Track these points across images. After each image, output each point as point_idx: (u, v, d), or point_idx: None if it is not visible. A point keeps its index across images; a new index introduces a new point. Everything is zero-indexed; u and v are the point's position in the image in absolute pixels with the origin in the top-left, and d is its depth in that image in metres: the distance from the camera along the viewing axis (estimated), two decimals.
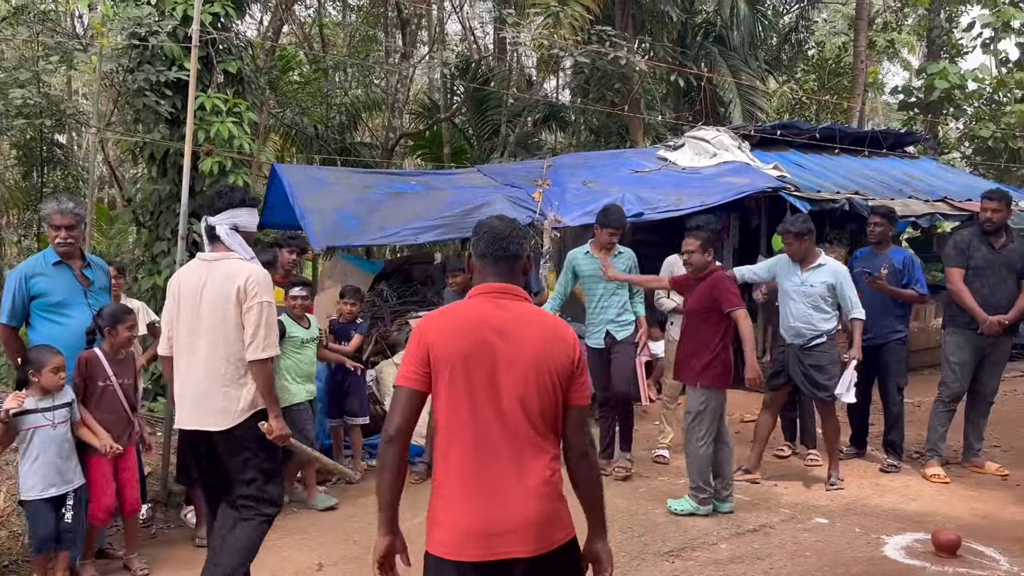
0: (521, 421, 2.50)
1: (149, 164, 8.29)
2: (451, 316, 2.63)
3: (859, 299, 5.96)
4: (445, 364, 2.52)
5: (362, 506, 5.89)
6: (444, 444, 2.55)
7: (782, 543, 5.01)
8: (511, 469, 2.49)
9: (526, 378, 2.51)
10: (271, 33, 15.53)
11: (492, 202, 7.81)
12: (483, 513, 2.47)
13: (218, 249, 3.95)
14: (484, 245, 2.69)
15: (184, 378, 3.92)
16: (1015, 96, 15.87)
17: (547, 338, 2.57)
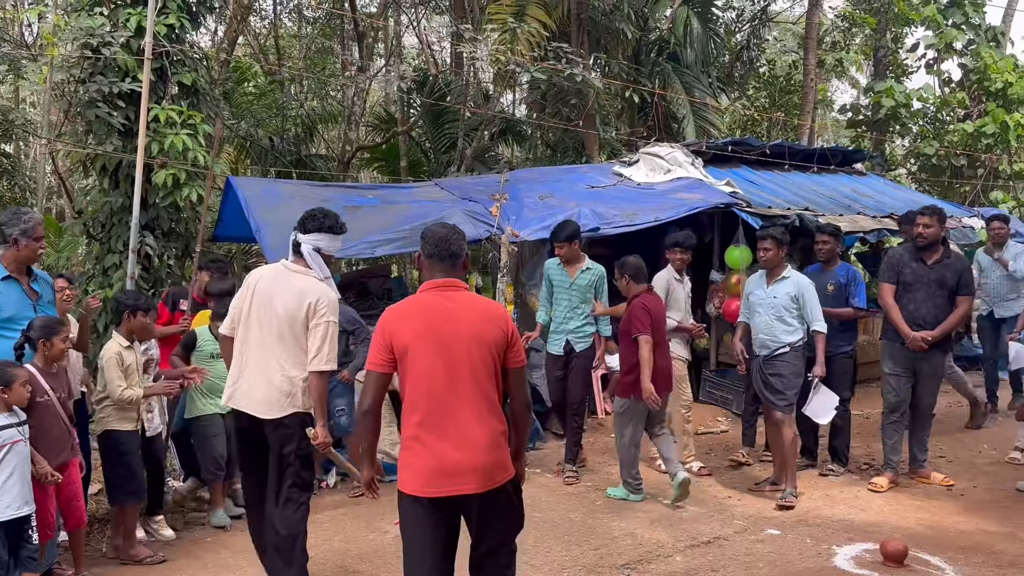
0: (468, 387, 3.19)
1: (101, 176, 8.15)
2: (406, 309, 3.32)
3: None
4: (404, 349, 3.19)
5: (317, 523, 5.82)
6: (409, 408, 3.23)
7: (736, 555, 5.10)
8: (461, 426, 3.17)
9: (470, 352, 3.20)
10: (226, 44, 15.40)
11: (450, 216, 7.81)
12: (439, 460, 3.15)
13: (299, 262, 4.38)
14: (430, 247, 3.35)
15: (242, 364, 4.33)
16: (957, 115, 16.33)
17: (484, 319, 3.26)
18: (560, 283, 6.74)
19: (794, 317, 6.02)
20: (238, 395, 4.34)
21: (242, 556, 5.22)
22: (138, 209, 6.61)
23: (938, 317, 6.18)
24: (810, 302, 6.01)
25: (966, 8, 16.14)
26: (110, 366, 5.01)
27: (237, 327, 4.38)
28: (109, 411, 5.07)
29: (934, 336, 6.15)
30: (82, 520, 4.81)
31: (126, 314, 5.14)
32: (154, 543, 5.41)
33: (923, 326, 6.16)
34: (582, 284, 6.66)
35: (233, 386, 4.36)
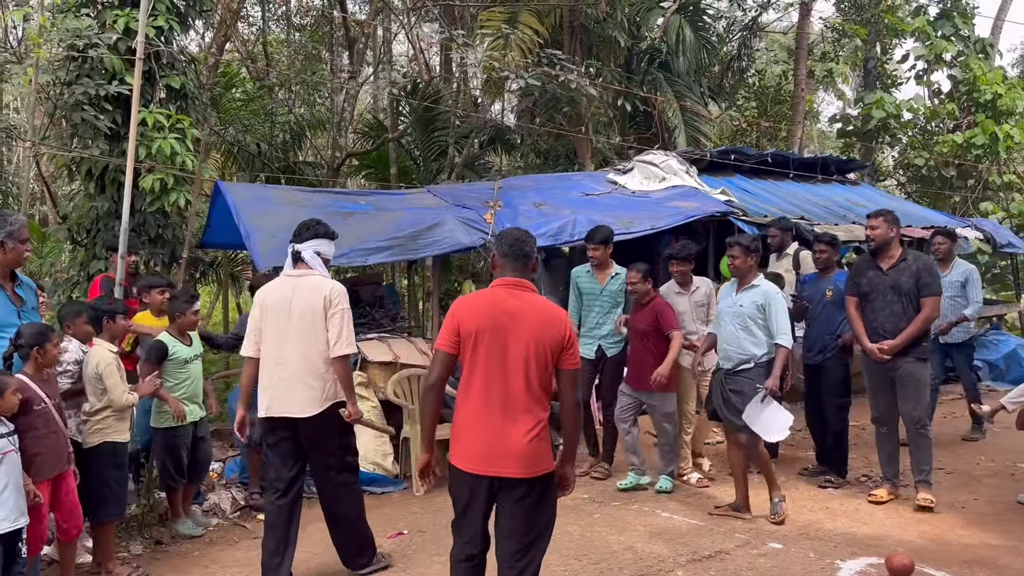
0: (520, 380, 3.49)
1: (86, 180, 8.00)
2: (477, 300, 3.65)
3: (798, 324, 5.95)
4: (469, 335, 3.52)
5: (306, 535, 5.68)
6: (465, 390, 3.57)
7: (738, 569, 4.98)
8: (507, 413, 3.47)
9: (527, 349, 3.49)
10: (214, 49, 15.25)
11: (443, 223, 7.70)
12: (486, 442, 3.48)
13: (300, 268, 4.73)
14: (506, 247, 3.68)
15: (271, 375, 4.60)
16: (947, 126, 16.38)
17: (544, 321, 3.55)
18: (590, 290, 6.87)
19: (760, 328, 5.66)
20: (276, 404, 4.59)
21: (231, 571, 5.09)
22: (127, 214, 6.45)
23: (897, 325, 5.90)
24: (777, 313, 5.63)
25: (956, 20, 16.21)
26: (111, 372, 4.86)
27: (261, 344, 4.66)
28: (110, 421, 4.91)
29: (894, 345, 5.86)
30: (79, 530, 4.65)
31: (105, 320, 5.01)
32: (138, 557, 5.26)
33: (884, 335, 5.93)
34: (613, 289, 6.77)
35: (269, 397, 4.60)
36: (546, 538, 3.65)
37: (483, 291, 3.74)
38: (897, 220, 6.16)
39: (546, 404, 3.57)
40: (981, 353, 11.35)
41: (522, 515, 3.53)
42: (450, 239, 7.49)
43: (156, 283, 6.20)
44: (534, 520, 3.56)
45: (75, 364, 4.86)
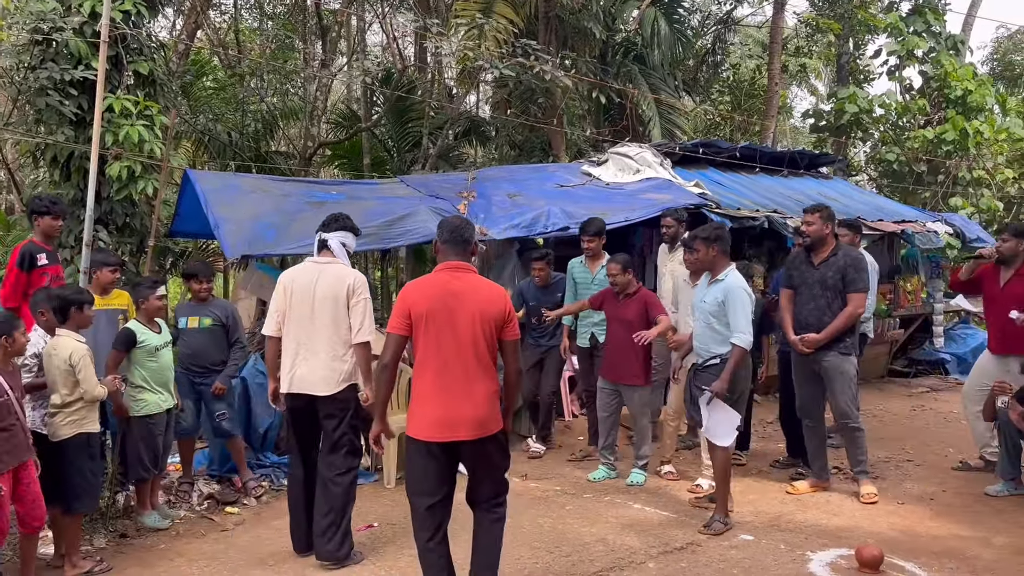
0: (470, 353, 3.84)
1: (51, 167, 7.82)
2: (424, 284, 3.97)
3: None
4: (420, 316, 3.83)
5: (275, 528, 5.63)
6: (420, 367, 3.89)
7: (709, 561, 4.98)
8: (463, 384, 3.83)
9: (473, 323, 3.84)
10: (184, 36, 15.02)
11: (416, 213, 7.63)
12: (444, 411, 3.82)
13: (325, 256, 5.02)
14: (447, 233, 4.01)
15: (293, 354, 4.88)
16: (918, 122, 16.51)
17: (487, 298, 3.91)
18: (583, 280, 7.12)
19: (723, 325, 5.43)
20: (296, 380, 4.87)
21: (197, 564, 5.01)
22: (92, 202, 6.31)
23: (821, 319, 5.94)
24: (735, 310, 5.36)
25: (927, 16, 16.32)
26: (86, 364, 4.76)
27: (283, 324, 4.93)
28: (83, 412, 4.80)
29: (818, 339, 5.91)
30: (42, 522, 4.55)
31: (73, 310, 4.88)
32: (102, 550, 5.16)
33: (808, 328, 5.97)
34: (602, 278, 6.88)
35: (290, 374, 4.88)
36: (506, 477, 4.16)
37: (429, 276, 4.04)
38: (832, 216, 6.21)
39: (494, 373, 3.94)
40: (949, 347, 11.48)
41: (487, 464, 3.99)
42: (423, 229, 7.42)
43: (108, 261, 6.03)
44: (494, 465, 4.03)
45: (34, 357, 4.74)
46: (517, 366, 4.08)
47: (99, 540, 5.30)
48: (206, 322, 6.24)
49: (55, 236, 6.10)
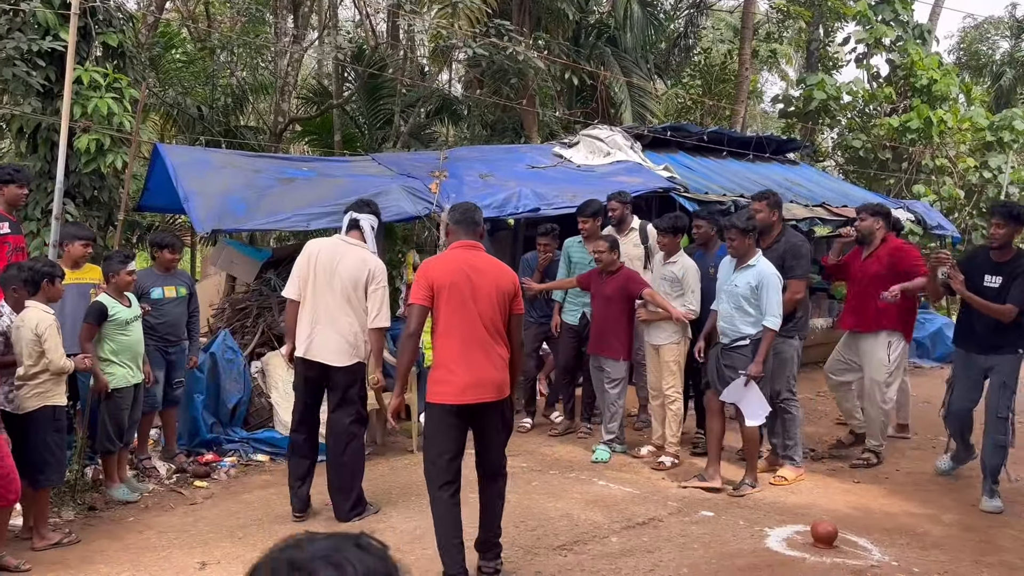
0: (488, 323, 4.19)
1: (17, 139, 7.71)
2: (444, 260, 4.28)
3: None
4: (443, 288, 4.14)
5: (244, 503, 5.69)
6: (443, 337, 4.20)
7: (670, 536, 5.12)
8: (483, 351, 4.18)
9: (489, 298, 4.19)
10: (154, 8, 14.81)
11: (388, 191, 7.64)
12: (471, 376, 4.16)
13: (354, 236, 5.24)
14: (459, 215, 4.38)
15: (311, 323, 5.11)
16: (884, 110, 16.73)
17: (500, 274, 4.30)
18: (580, 259, 7.29)
19: (754, 307, 5.77)
20: (313, 348, 5.10)
21: (166, 537, 5.05)
22: (62, 175, 6.27)
23: None
24: (769, 294, 5.73)
25: (895, 5, 16.51)
26: (51, 335, 4.75)
27: (304, 291, 5.14)
28: (48, 385, 4.80)
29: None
30: (18, 496, 4.55)
31: (44, 282, 4.87)
32: (71, 523, 5.18)
33: None
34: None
35: (308, 340, 5.11)
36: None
37: (446, 253, 4.33)
38: (779, 203, 6.41)
39: (506, 342, 4.30)
40: None
41: (501, 425, 4.35)
42: (395, 208, 7.45)
43: (81, 234, 6.02)
44: (507, 426, 4.43)
45: (1, 335, 4.72)
46: (520, 338, 4.47)
47: (68, 512, 5.32)
48: (182, 291, 6.34)
49: (19, 206, 6.07)
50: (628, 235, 7.31)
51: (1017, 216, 5.55)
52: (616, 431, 6.80)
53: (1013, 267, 5.55)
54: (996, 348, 5.66)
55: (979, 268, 5.70)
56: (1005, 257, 5.61)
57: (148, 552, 4.82)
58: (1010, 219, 5.54)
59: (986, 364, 5.73)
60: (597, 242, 6.78)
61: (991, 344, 5.68)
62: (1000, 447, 5.68)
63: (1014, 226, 5.55)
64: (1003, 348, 5.64)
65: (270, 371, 7.16)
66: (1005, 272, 5.57)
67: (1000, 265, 5.61)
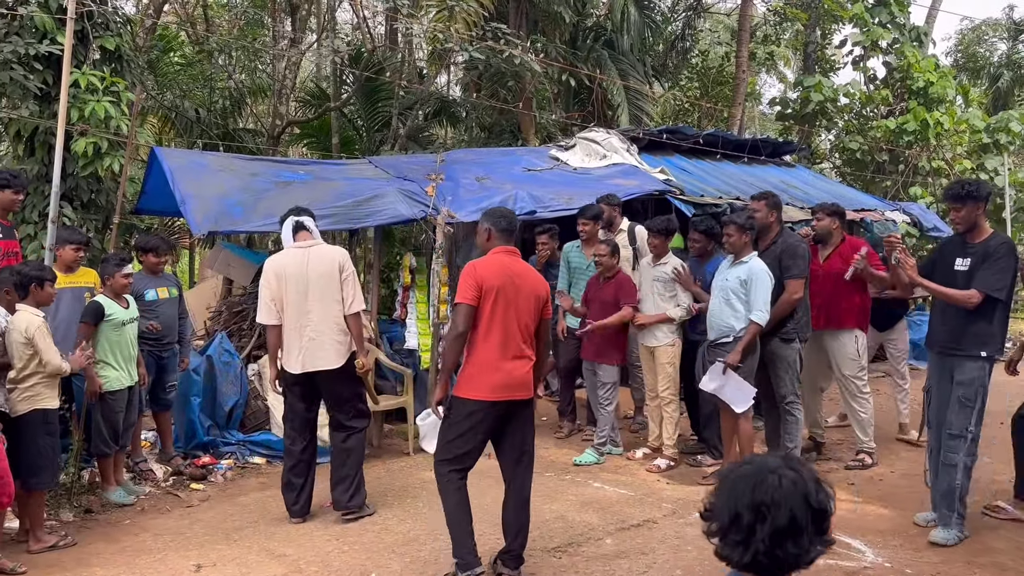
0: (525, 327, 4.39)
1: (15, 142, 7.73)
2: (491, 263, 4.42)
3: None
4: (491, 290, 4.31)
5: (241, 505, 5.72)
6: (484, 336, 4.34)
7: (665, 537, 5.14)
8: (520, 353, 4.37)
9: (528, 302, 4.40)
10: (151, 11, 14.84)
11: (385, 194, 7.66)
12: (507, 376, 4.32)
13: (304, 238, 5.34)
14: (505, 223, 4.54)
15: (296, 336, 5.19)
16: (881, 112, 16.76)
17: (538, 280, 4.54)
18: (579, 264, 7.38)
19: (741, 303, 5.83)
20: (307, 360, 5.18)
21: (162, 539, 5.07)
22: (58, 178, 6.28)
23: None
24: (757, 290, 5.76)
25: (892, 8, 16.55)
26: (42, 336, 4.76)
27: (282, 311, 5.21)
28: (39, 388, 4.81)
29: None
30: (11, 499, 4.57)
31: (33, 286, 4.88)
32: (67, 525, 5.20)
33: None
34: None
35: (300, 356, 5.18)
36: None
37: (492, 257, 4.47)
38: (779, 204, 6.38)
39: (534, 345, 4.49)
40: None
41: (529, 424, 4.56)
42: (391, 211, 7.47)
43: (73, 238, 6.05)
44: (532, 426, 4.61)
45: None
46: (548, 339, 4.79)
47: (65, 515, 5.34)
48: (174, 292, 6.44)
49: (14, 211, 6.10)
50: (617, 236, 7.36)
51: (968, 194, 4.98)
52: (606, 434, 6.83)
53: (983, 248, 4.98)
54: (953, 350, 5.06)
55: (952, 252, 5.16)
56: (977, 238, 5.04)
57: (144, 554, 4.84)
58: (961, 199, 5.00)
59: (951, 368, 5.10)
60: (599, 246, 6.85)
61: (950, 346, 5.09)
62: (951, 467, 5.03)
63: (971, 204, 4.97)
64: (960, 350, 5.02)
65: (266, 374, 7.17)
66: (974, 254, 5.00)
67: (971, 247, 5.04)
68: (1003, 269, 4.89)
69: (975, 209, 4.98)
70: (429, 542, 4.92)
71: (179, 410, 6.69)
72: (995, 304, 4.92)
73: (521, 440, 4.54)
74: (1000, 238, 5.03)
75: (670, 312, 6.53)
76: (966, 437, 5.01)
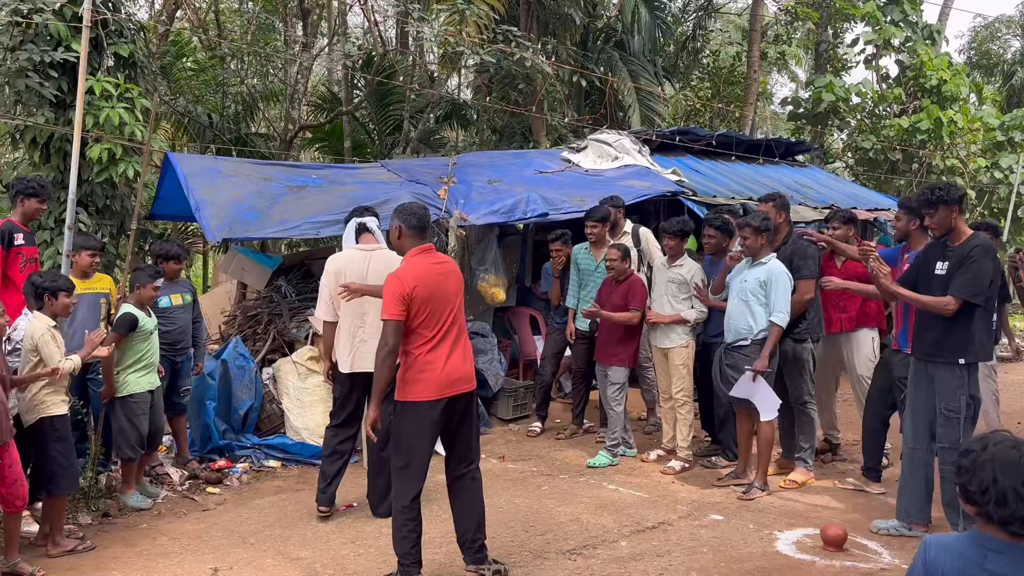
0: (457, 322, 4.40)
1: (31, 149, 7.82)
2: (416, 269, 4.31)
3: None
4: (420, 298, 4.24)
5: (257, 508, 5.74)
6: (421, 340, 4.29)
7: (680, 540, 5.13)
8: (458, 348, 4.39)
9: (453, 294, 4.41)
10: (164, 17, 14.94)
11: (397, 197, 7.66)
12: (451, 371, 4.31)
13: (368, 241, 5.54)
14: (416, 219, 4.46)
15: (348, 336, 5.36)
16: (894, 111, 16.72)
17: (456, 273, 4.51)
18: (587, 266, 7.29)
19: (760, 305, 5.81)
20: (359, 360, 5.30)
21: (180, 543, 5.09)
22: (75, 184, 6.34)
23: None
24: (777, 291, 5.75)
25: (904, 6, 16.51)
26: (45, 342, 4.79)
27: (339, 309, 5.37)
28: (41, 396, 4.82)
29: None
30: (25, 502, 4.61)
31: (47, 297, 4.88)
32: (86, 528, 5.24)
33: None
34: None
35: (352, 355, 5.34)
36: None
37: (413, 261, 4.37)
38: (786, 205, 6.35)
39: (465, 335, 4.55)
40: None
41: (473, 417, 4.51)
42: None
43: (88, 244, 6.06)
44: (476, 416, 4.57)
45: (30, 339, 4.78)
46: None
47: (84, 518, 5.38)
48: (187, 298, 6.48)
49: (36, 219, 6.17)
50: (621, 238, 7.36)
51: (939, 199, 4.83)
52: (617, 435, 6.79)
53: (960, 252, 4.83)
54: (933, 355, 4.92)
55: (933, 256, 5.00)
56: (956, 241, 4.88)
57: (161, 558, 4.87)
58: (933, 204, 4.86)
59: (932, 375, 4.97)
60: (610, 250, 6.82)
61: (930, 352, 4.95)
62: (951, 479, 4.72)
63: (944, 208, 4.82)
64: (940, 356, 4.87)
65: (281, 378, 7.20)
66: (952, 257, 4.85)
67: (950, 250, 4.89)
68: (978, 273, 4.75)
69: (948, 213, 4.84)
70: (444, 545, 4.93)
71: (194, 414, 6.73)
72: (973, 309, 4.79)
73: (469, 449, 4.51)
74: (975, 240, 4.86)
75: (684, 314, 6.52)
76: (959, 449, 4.88)
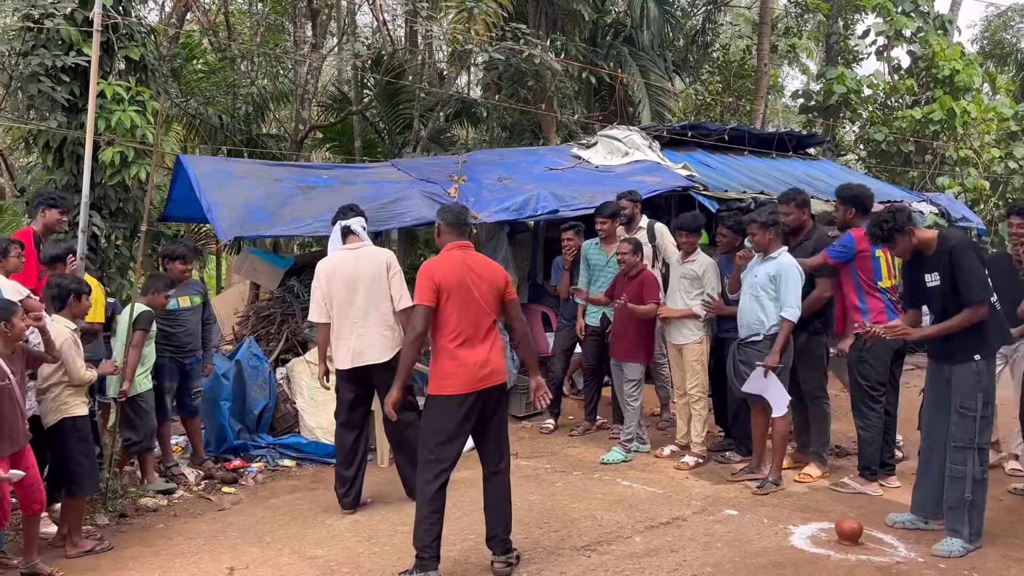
0: (487, 315, 4.50)
1: (44, 153, 7.86)
2: (445, 261, 4.50)
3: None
4: (447, 288, 4.40)
5: (272, 508, 5.77)
6: (448, 331, 4.42)
7: (694, 535, 5.12)
8: (486, 341, 4.49)
9: (486, 291, 4.50)
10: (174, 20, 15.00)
11: (408, 196, 7.70)
12: (479, 366, 4.42)
13: (353, 241, 5.66)
14: (452, 217, 4.65)
15: (346, 333, 5.48)
16: (906, 102, 16.59)
17: (492, 269, 4.61)
18: (597, 262, 7.36)
19: (771, 300, 5.83)
20: (354, 355, 5.45)
21: (196, 542, 5.13)
22: (87, 188, 6.39)
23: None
24: (787, 286, 5.75)
25: None
26: (67, 348, 4.85)
27: (332, 311, 5.50)
28: (64, 397, 4.89)
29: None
30: (43, 505, 4.65)
31: (71, 298, 5.01)
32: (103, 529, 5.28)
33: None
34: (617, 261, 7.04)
35: (348, 351, 5.46)
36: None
37: (446, 254, 4.55)
38: (807, 202, 6.32)
39: (498, 328, 4.66)
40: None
41: (503, 409, 4.65)
42: (414, 213, 7.51)
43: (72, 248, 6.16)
44: (506, 411, 4.73)
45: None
46: (522, 316, 4.79)
47: (101, 519, 5.43)
48: (196, 300, 6.56)
49: (56, 231, 6.24)
50: (637, 234, 7.34)
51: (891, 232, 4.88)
52: (633, 431, 6.80)
53: (942, 258, 4.82)
54: (950, 355, 4.90)
55: (919, 270, 4.97)
56: (930, 250, 4.87)
57: (178, 558, 4.90)
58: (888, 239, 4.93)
59: (947, 375, 4.95)
60: (621, 244, 6.83)
61: (945, 351, 4.94)
62: (959, 480, 4.79)
63: (900, 237, 4.89)
64: (957, 355, 4.85)
65: (295, 377, 7.24)
66: (938, 266, 4.84)
67: (931, 260, 4.88)
68: (970, 270, 4.75)
69: (906, 239, 4.86)
70: (458, 542, 4.94)
71: (209, 415, 6.78)
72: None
73: (500, 444, 4.62)
74: (951, 241, 4.85)
75: (696, 309, 6.51)
76: (972, 448, 4.79)
